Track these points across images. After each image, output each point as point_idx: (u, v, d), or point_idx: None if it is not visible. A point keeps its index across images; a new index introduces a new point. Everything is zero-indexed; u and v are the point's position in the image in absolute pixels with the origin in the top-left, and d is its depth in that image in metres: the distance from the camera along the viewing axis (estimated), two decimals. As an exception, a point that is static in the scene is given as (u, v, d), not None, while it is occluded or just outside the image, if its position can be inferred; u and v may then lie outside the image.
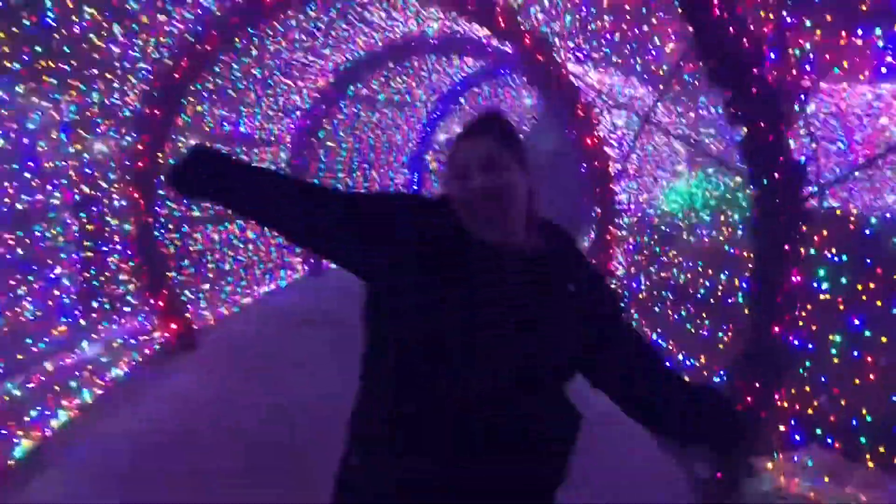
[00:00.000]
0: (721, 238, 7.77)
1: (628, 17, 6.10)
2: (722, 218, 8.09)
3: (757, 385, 4.45)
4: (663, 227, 9.02)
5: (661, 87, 6.86)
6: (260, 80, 10.62)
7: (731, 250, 6.99)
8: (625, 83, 10.31)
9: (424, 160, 17.56)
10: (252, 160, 11.48)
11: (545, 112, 20.36)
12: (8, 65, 5.86)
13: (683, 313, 6.99)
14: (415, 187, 17.12)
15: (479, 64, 15.19)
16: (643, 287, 8.05)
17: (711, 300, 6.87)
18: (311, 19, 9.88)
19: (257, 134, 11.57)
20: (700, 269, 7.50)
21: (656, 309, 7.52)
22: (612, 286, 2.09)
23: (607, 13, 6.41)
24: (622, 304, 2.05)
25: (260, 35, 9.24)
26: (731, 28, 4.23)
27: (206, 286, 9.91)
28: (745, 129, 4.42)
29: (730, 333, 5.82)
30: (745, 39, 4.23)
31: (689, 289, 7.47)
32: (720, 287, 6.87)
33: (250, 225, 11.76)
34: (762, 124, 4.30)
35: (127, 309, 8.07)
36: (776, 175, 4.35)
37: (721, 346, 5.84)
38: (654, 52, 6.43)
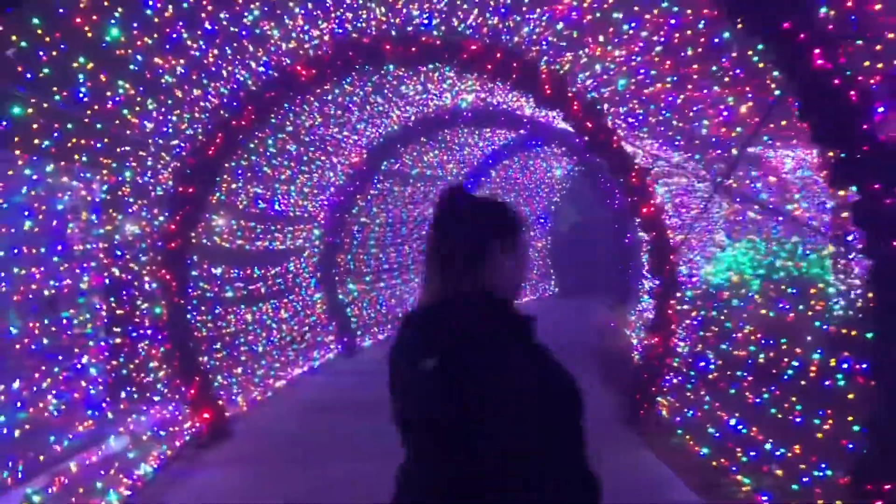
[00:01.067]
0: (810, 313, 7.10)
1: (695, 77, 5.65)
2: (812, 290, 7.41)
3: (887, 487, 3.84)
4: (734, 302, 8.34)
5: (735, 150, 6.39)
6: (295, 156, 10.37)
7: (825, 327, 6.35)
8: (663, 149, 9.85)
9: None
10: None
11: (574, 183, 20.19)
12: (37, 142, 5.54)
13: (766, 395, 6.34)
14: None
15: (511, 135, 15.01)
16: (713, 366, 7.38)
17: (802, 381, 6.21)
18: (347, 94, 9.67)
19: (291, 211, 11.28)
20: (783, 347, 6.84)
21: (731, 391, 6.84)
22: None
23: (669, 74, 5.98)
24: None
25: (295, 110, 9.01)
26: (835, 80, 3.79)
27: (239, 370, 9.43)
28: (853, 192, 3.94)
29: (830, 421, 5.17)
30: (851, 92, 3.78)
31: (771, 368, 6.79)
32: (812, 367, 6.22)
33: (283, 303, 11.41)
34: (876, 186, 3.82)
35: (157, 398, 7.58)
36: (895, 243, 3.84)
37: (820, 434, 5.19)
38: (725, 113, 5.98)
